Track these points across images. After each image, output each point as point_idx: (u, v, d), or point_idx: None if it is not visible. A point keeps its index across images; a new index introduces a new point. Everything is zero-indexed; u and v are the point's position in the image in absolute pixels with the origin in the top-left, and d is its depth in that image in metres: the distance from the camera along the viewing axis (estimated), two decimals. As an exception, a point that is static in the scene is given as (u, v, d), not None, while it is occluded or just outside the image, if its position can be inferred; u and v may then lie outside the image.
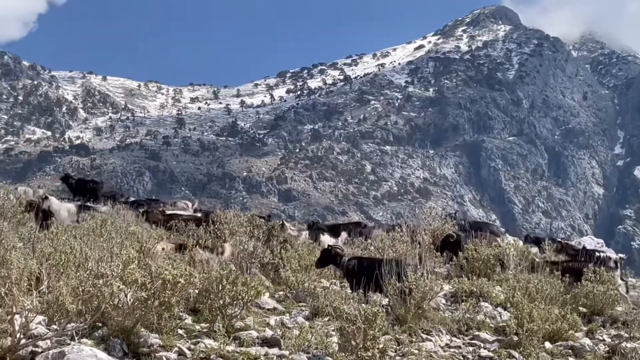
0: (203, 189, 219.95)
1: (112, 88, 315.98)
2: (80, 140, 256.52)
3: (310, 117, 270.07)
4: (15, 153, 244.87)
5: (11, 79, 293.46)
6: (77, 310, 9.88)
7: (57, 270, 11.19)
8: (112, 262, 11.34)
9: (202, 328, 11.62)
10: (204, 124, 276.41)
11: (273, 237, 19.82)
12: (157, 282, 10.50)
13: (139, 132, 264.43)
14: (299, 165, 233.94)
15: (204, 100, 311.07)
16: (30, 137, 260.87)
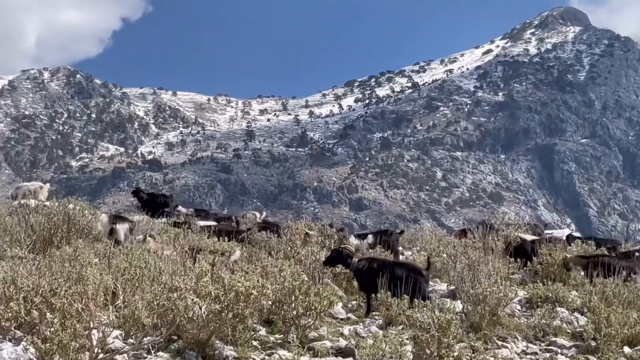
0: (274, 200, 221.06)
1: (182, 103, 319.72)
2: (153, 156, 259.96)
3: (379, 125, 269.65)
4: (90, 170, 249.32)
5: (84, 97, 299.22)
6: (153, 323, 9.98)
7: (132, 285, 11.33)
8: (185, 275, 11.44)
9: (276, 339, 11.65)
10: (273, 135, 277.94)
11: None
12: (230, 294, 10.55)
13: (210, 146, 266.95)
14: (370, 173, 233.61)
15: (273, 112, 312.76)
16: (104, 154, 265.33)
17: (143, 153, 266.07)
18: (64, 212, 18.14)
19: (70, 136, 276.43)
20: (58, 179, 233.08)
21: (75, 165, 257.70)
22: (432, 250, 21.17)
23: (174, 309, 10.20)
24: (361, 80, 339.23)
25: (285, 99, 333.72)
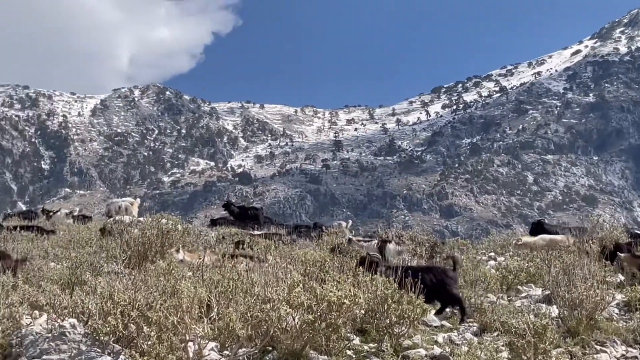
0: (364, 209, 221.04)
1: (270, 115, 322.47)
2: (242, 169, 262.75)
3: (467, 131, 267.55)
4: (182, 185, 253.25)
5: (174, 113, 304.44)
6: (247, 335, 10.05)
7: (225, 297, 11.43)
8: (277, 286, 11.50)
9: (370, 348, 11.62)
10: (361, 144, 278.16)
11: (436, 254, 19.68)
12: (322, 304, 10.57)
13: (298, 157, 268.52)
14: (459, 180, 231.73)
15: (360, 122, 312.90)
16: (195, 169, 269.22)
17: (233, 166, 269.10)
18: (157, 227, 18.45)
19: (162, 152, 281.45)
20: (151, 194, 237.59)
21: (167, 180, 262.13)
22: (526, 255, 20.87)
23: (268, 320, 10.25)
24: (448, 86, 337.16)
25: (372, 108, 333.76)
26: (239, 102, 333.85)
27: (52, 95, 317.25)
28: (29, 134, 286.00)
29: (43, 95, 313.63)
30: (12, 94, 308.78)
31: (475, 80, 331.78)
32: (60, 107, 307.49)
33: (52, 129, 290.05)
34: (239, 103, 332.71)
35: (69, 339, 9.80)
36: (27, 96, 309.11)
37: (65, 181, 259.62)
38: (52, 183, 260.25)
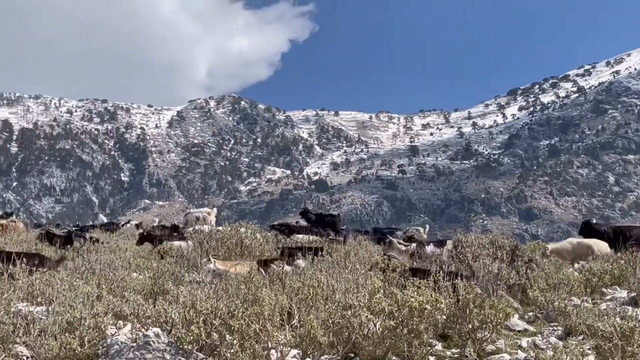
0: (442, 213, 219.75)
1: (345, 122, 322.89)
2: (318, 176, 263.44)
3: (545, 132, 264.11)
4: (259, 193, 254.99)
5: (249, 123, 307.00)
6: (329, 342, 10.05)
7: (306, 304, 11.45)
8: (358, 292, 11.48)
9: (453, 354, 11.52)
10: (437, 149, 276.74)
11: (517, 258, 19.41)
12: (404, 310, 10.52)
13: (374, 164, 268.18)
14: (538, 182, 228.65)
15: (436, 126, 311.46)
16: (271, 177, 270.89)
17: (309, 174, 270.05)
18: (236, 236, 18.60)
19: (238, 162, 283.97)
20: (228, 204, 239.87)
21: (244, 189, 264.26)
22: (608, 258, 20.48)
23: (349, 327, 10.24)
24: (524, 87, 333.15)
25: (447, 112, 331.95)
26: (313, 110, 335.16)
27: (129, 108, 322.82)
28: (108, 147, 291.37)
29: (121, 108, 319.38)
30: (92, 108, 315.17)
31: (552, 81, 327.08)
32: (138, 120, 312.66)
33: (130, 141, 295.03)
34: (314, 111, 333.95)
35: (153, 348, 9.91)
36: (106, 110, 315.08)
37: (144, 192, 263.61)
38: (132, 195, 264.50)
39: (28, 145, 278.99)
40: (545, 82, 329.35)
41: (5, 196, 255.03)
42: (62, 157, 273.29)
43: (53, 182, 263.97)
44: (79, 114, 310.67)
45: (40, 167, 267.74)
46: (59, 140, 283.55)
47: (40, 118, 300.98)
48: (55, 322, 10.72)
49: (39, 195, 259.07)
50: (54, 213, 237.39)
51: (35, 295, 12.60)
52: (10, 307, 11.65)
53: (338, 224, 31.90)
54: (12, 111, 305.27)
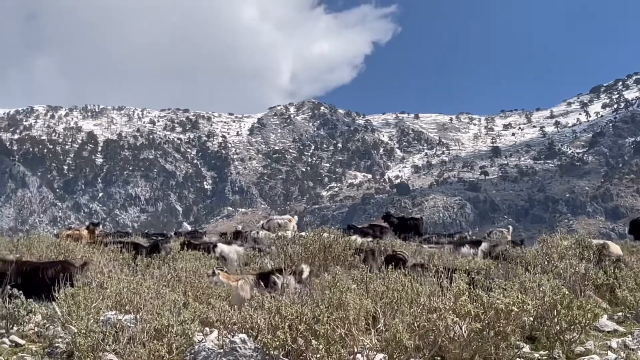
0: (526, 214, 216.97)
1: (425, 125, 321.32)
2: (400, 180, 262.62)
3: (630, 129, 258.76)
4: (340, 198, 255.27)
5: (329, 128, 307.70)
6: (415, 345, 10.00)
7: (391, 308, 11.41)
8: (443, 295, 11.40)
9: (541, 356, 11.38)
10: (519, 149, 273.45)
11: (604, 257, 19.09)
12: (490, 312, 10.41)
13: (456, 166, 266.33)
14: (624, 180, 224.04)
15: (517, 126, 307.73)
16: (352, 182, 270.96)
17: (390, 178, 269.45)
18: (319, 241, 18.64)
19: (319, 167, 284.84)
20: (310, 209, 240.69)
21: (326, 194, 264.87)
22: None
23: (435, 330, 10.17)
24: (607, 84, 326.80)
25: (529, 111, 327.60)
26: (393, 114, 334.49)
27: (211, 116, 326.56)
28: (190, 155, 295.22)
29: (202, 117, 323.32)
30: (173, 117, 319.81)
31: (636, 77, 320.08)
32: (220, 128, 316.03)
33: (212, 149, 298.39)
34: (393, 114, 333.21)
35: (240, 354, 10.00)
36: (188, 119, 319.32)
37: (227, 200, 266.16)
38: (215, 202, 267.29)
39: (113, 156, 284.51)
40: (629, 78, 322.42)
41: (92, 207, 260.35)
42: (146, 167, 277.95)
43: (138, 191, 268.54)
44: (162, 123, 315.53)
45: (125, 177, 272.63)
46: (143, 150, 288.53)
47: (124, 129, 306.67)
48: (144, 330, 10.88)
49: (124, 205, 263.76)
50: (139, 222, 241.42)
51: (124, 303, 12.81)
52: (100, 316, 11.88)
53: (421, 227, 31.81)
54: (97, 123, 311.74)
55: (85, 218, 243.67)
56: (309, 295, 12.40)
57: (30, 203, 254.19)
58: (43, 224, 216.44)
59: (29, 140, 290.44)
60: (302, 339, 10.08)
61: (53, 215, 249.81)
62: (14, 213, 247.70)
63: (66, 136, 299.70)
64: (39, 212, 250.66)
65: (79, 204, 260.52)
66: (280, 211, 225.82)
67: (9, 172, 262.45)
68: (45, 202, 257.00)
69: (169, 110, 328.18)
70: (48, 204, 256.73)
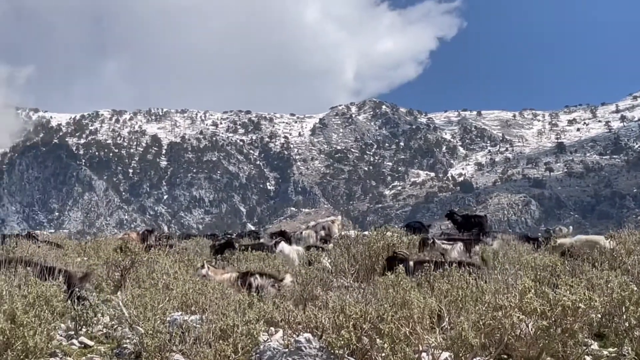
0: (592, 211, 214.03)
1: (488, 122, 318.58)
2: (463, 178, 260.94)
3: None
4: (403, 197, 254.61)
5: (391, 126, 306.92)
6: (481, 343, 9.92)
7: (456, 306, 11.35)
8: (508, 293, 11.29)
9: (610, 353, 11.22)
10: (585, 145, 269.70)
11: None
12: (556, 310, 10.28)
13: (520, 162, 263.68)
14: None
15: (582, 121, 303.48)
16: (415, 180, 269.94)
17: (453, 176, 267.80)
18: (382, 240, 18.62)
19: (382, 166, 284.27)
20: (373, 208, 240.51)
21: (389, 193, 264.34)
22: None
23: (501, 328, 10.08)
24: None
25: (594, 106, 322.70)
26: (455, 111, 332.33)
27: (272, 117, 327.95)
28: (253, 157, 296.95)
29: (264, 118, 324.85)
30: (236, 119, 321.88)
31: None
32: (282, 129, 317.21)
33: (274, 150, 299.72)
34: (456, 112, 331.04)
35: (305, 354, 10.02)
36: (250, 120, 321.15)
37: (290, 200, 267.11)
38: (278, 203, 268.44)
39: (177, 158, 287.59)
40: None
41: (157, 209, 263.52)
42: (209, 169, 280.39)
43: (202, 193, 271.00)
44: (224, 125, 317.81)
45: (189, 180, 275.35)
46: (206, 153, 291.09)
47: (187, 132, 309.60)
48: (209, 330, 10.98)
49: (188, 207, 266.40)
50: (204, 224, 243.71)
51: (189, 304, 12.94)
52: (166, 317, 12.02)
53: (485, 225, 31.57)
54: (161, 126, 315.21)
55: (150, 220, 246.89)
56: (373, 294, 12.38)
57: (97, 206, 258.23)
58: (110, 227, 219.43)
59: (95, 145, 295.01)
60: (367, 338, 10.08)
61: (119, 218, 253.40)
62: (82, 216, 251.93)
63: (131, 140, 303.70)
64: (105, 215, 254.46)
65: (144, 207, 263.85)
66: (344, 211, 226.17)
67: (76, 176, 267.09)
68: (111, 205, 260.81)
69: (231, 112, 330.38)
70: (114, 207, 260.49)
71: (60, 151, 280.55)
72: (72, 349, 12.33)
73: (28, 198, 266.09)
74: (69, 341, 12.75)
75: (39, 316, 10.91)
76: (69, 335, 13.08)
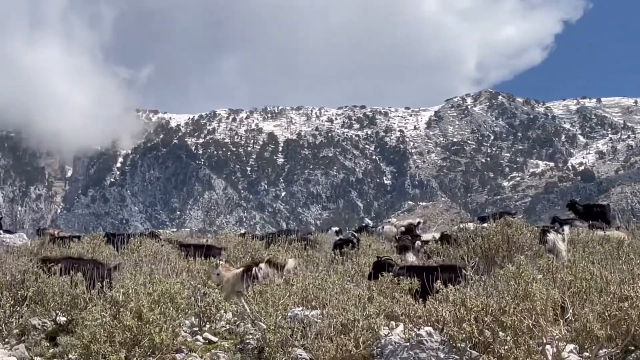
0: None
1: (608, 109, 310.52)
2: (583, 167, 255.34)
3: None
4: (522, 188, 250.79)
5: (508, 117, 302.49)
6: (607, 335, 9.71)
7: (580, 297, 11.13)
8: (634, 283, 11.00)
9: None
10: None
11: None
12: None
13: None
14: None
15: None
16: (534, 171, 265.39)
17: (574, 165, 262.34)
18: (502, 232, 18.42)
19: (499, 157, 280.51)
20: (492, 200, 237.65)
21: (507, 185, 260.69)
22: None
23: (627, 319, 9.84)
24: None
25: None
26: (573, 99, 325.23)
27: (387, 112, 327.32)
28: (369, 151, 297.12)
29: (379, 112, 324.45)
30: (351, 114, 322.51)
31: None
32: (397, 123, 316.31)
33: (390, 144, 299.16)
34: (574, 100, 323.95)
35: (426, 347, 10.01)
36: (365, 115, 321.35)
37: (407, 194, 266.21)
38: (395, 197, 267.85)
39: (293, 155, 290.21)
40: None
41: (275, 206, 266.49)
42: (325, 165, 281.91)
43: (319, 189, 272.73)
44: (339, 121, 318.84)
45: (306, 176, 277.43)
46: (322, 149, 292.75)
47: (302, 128, 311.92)
48: (330, 325, 11.07)
49: (306, 203, 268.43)
50: (322, 219, 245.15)
51: (310, 299, 13.06)
52: (287, 312, 12.16)
53: (608, 214, 30.89)
54: (277, 124, 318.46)
55: (269, 217, 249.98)
56: (494, 286, 12.25)
57: (217, 205, 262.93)
58: (230, 225, 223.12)
59: (213, 144, 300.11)
60: (489, 331, 9.99)
61: (239, 215, 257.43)
62: (202, 215, 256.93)
63: (248, 138, 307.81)
64: (225, 213, 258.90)
65: (262, 204, 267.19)
66: (461, 204, 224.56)
67: (196, 175, 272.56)
68: (230, 203, 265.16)
69: (346, 107, 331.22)
70: (233, 204, 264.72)
71: (179, 151, 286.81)
72: (196, 345, 12.61)
73: (150, 198, 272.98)
74: (194, 337, 13.05)
75: (164, 313, 11.20)
76: (193, 331, 13.39)
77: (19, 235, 30.95)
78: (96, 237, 24.39)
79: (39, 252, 21.11)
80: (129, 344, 10.75)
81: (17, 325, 12.95)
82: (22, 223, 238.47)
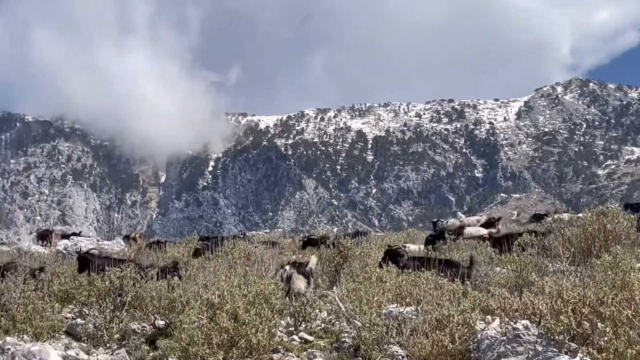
0: None
1: None
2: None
3: None
4: (618, 176, 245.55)
5: (600, 104, 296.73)
6: None
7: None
8: None
9: None
10: None
11: None
12: None
13: None
14: None
15: None
16: (630, 158, 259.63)
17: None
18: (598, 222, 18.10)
19: (593, 145, 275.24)
20: (587, 189, 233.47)
21: (602, 173, 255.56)
22: None
23: None
24: None
25: None
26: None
27: (476, 104, 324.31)
28: (459, 145, 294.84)
29: (468, 105, 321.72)
30: (439, 109, 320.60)
31: None
32: (486, 115, 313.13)
33: (480, 137, 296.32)
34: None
35: (523, 341, 9.90)
36: (453, 109, 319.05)
37: (499, 187, 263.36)
38: (487, 190, 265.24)
39: (382, 152, 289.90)
40: None
41: (367, 203, 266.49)
42: (415, 160, 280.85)
43: (410, 185, 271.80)
44: (428, 116, 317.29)
45: (396, 172, 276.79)
46: (411, 144, 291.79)
47: (391, 124, 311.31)
48: (425, 321, 11.03)
49: (397, 200, 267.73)
50: (414, 215, 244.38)
51: (404, 296, 13.04)
52: (382, 309, 12.17)
53: None
54: (365, 121, 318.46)
55: (361, 215, 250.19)
56: (591, 277, 12.05)
57: (309, 204, 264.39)
58: (322, 224, 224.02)
59: (302, 144, 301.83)
60: (587, 322, 9.83)
61: (330, 214, 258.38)
62: (294, 215, 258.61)
63: (336, 137, 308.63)
64: (317, 212, 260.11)
65: (354, 202, 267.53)
66: (556, 194, 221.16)
67: (287, 176, 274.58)
68: (322, 202, 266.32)
69: (433, 102, 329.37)
70: (325, 203, 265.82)
71: (269, 153, 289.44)
72: (293, 344, 12.71)
73: (242, 200, 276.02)
74: (290, 337, 13.14)
75: (259, 314, 11.31)
76: (289, 331, 13.49)
77: (117, 242, 31.97)
78: (190, 240, 24.78)
79: (136, 257, 21.54)
80: (227, 346, 10.89)
81: (118, 330, 13.24)
82: (119, 230, 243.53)
